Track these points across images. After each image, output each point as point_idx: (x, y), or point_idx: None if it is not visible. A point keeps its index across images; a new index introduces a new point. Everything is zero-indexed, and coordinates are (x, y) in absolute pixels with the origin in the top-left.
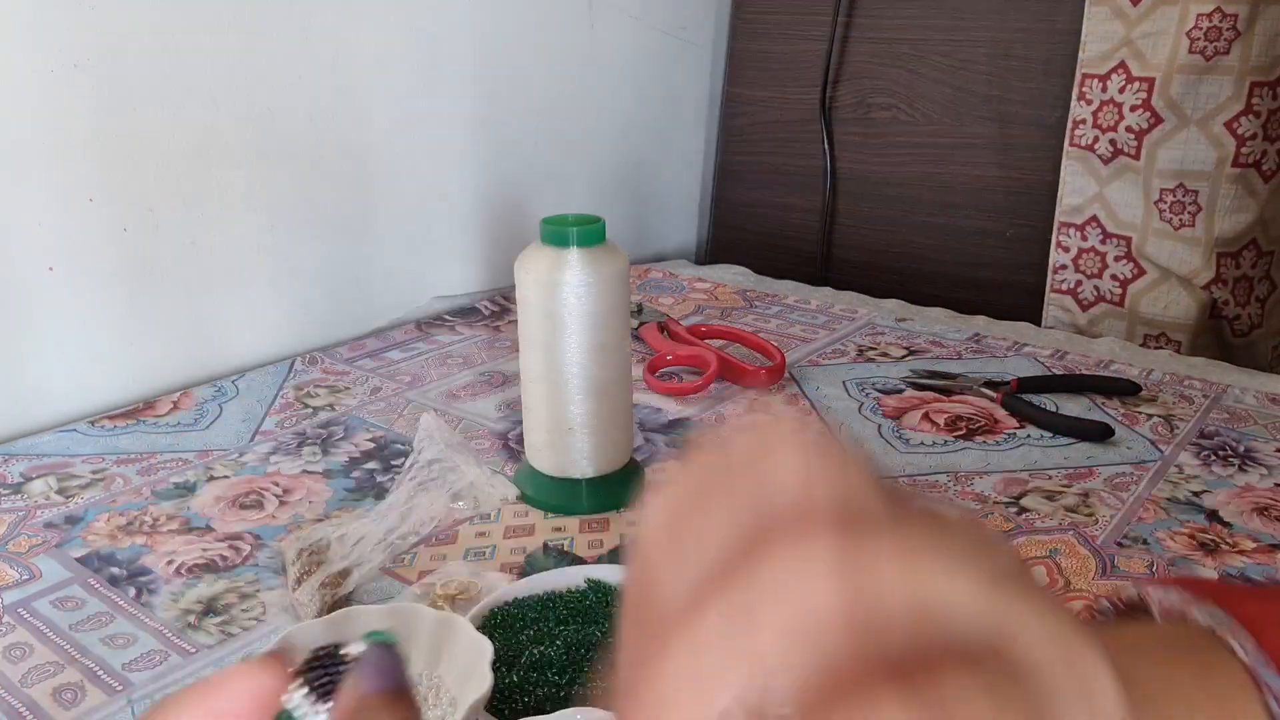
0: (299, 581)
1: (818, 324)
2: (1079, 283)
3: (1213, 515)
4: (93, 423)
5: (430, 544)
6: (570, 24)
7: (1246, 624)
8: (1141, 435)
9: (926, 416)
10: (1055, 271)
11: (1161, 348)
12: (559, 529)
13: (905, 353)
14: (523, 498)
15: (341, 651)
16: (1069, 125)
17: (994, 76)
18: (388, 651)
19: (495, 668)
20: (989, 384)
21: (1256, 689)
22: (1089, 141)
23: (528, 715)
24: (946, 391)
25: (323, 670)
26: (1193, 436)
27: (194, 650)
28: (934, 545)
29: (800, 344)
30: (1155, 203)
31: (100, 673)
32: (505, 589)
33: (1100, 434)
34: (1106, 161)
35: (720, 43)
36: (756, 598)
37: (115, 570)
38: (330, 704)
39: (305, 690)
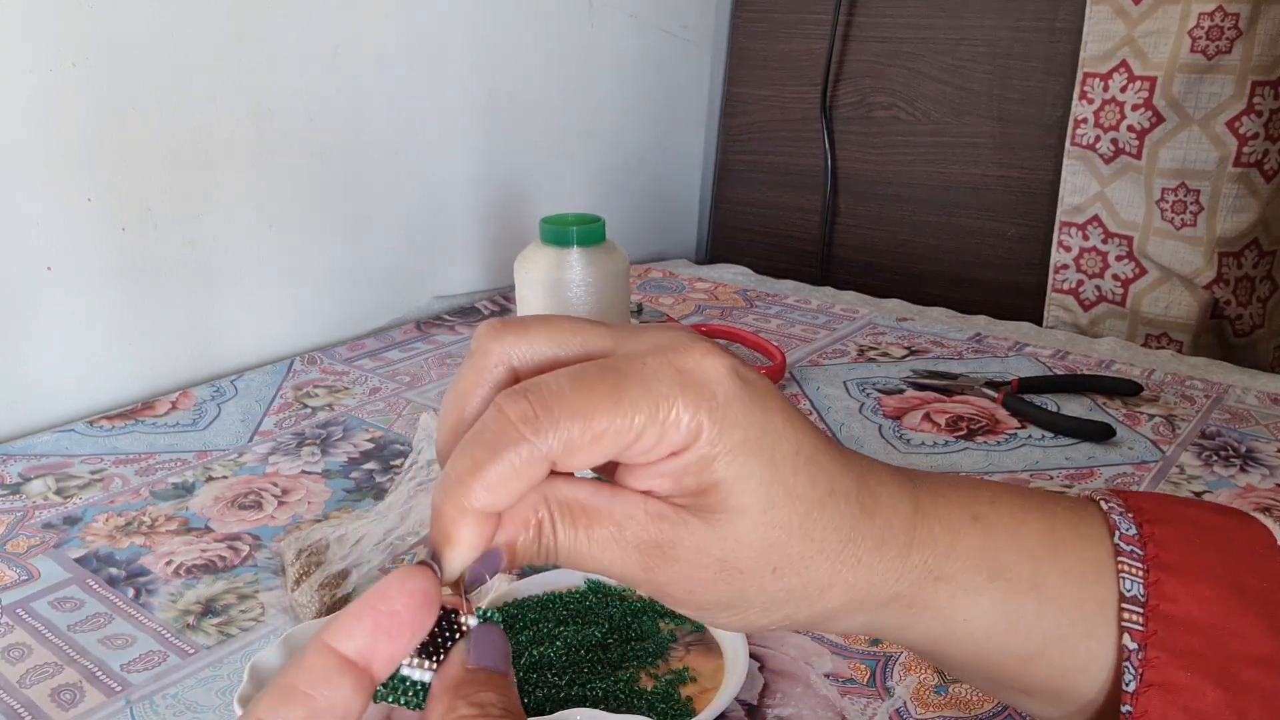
0: (298, 582)
1: (818, 324)
2: (1080, 282)
3: None
4: (91, 423)
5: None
6: (570, 23)
7: (1140, 514)
8: (1143, 435)
9: (927, 417)
10: (1056, 271)
11: (1163, 348)
12: None
13: (906, 353)
14: None
15: (457, 619)
16: (1070, 124)
17: (995, 75)
18: (499, 634)
19: None
20: (990, 384)
21: (1111, 537)
22: (1090, 141)
23: (527, 716)
24: (947, 391)
25: (435, 631)
26: (1194, 437)
27: (193, 651)
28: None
29: (801, 344)
30: (1157, 202)
31: (99, 673)
32: (504, 590)
33: (1101, 434)
34: (1108, 161)
35: (720, 41)
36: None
37: (114, 571)
38: (435, 663)
39: (419, 655)
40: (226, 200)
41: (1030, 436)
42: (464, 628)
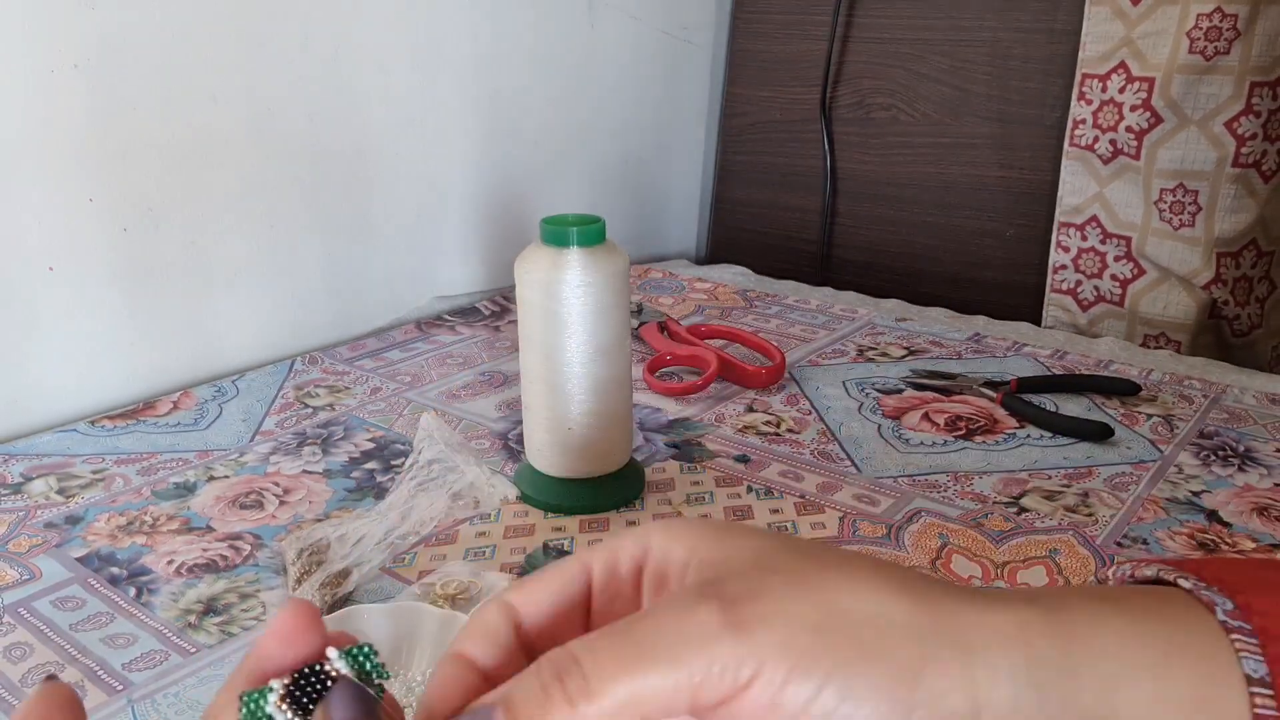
0: (299, 581)
1: (818, 324)
2: (1079, 283)
3: (1212, 515)
4: (93, 423)
5: (430, 544)
6: (570, 24)
7: (1225, 586)
8: (1141, 435)
9: (926, 416)
10: (1055, 271)
11: (1161, 348)
12: (559, 529)
13: (905, 353)
14: (523, 498)
15: (326, 669)
16: (1069, 125)
17: (994, 76)
18: (359, 690)
19: None
20: (989, 384)
21: (1231, 646)
22: (1089, 141)
23: None
24: (946, 391)
25: (308, 685)
26: (1192, 436)
27: (194, 650)
28: None
29: (800, 344)
30: (1155, 203)
31: (100, 672)
32: (503, 588)
33: (1100, 434)
34: (1106, 161)
35: (720, 42)
36: None
37: (115, 570)
38: (301, 714)
39: (287, 703)
40: (228, 200)
41: (1029, 436)
42: (331, 676)
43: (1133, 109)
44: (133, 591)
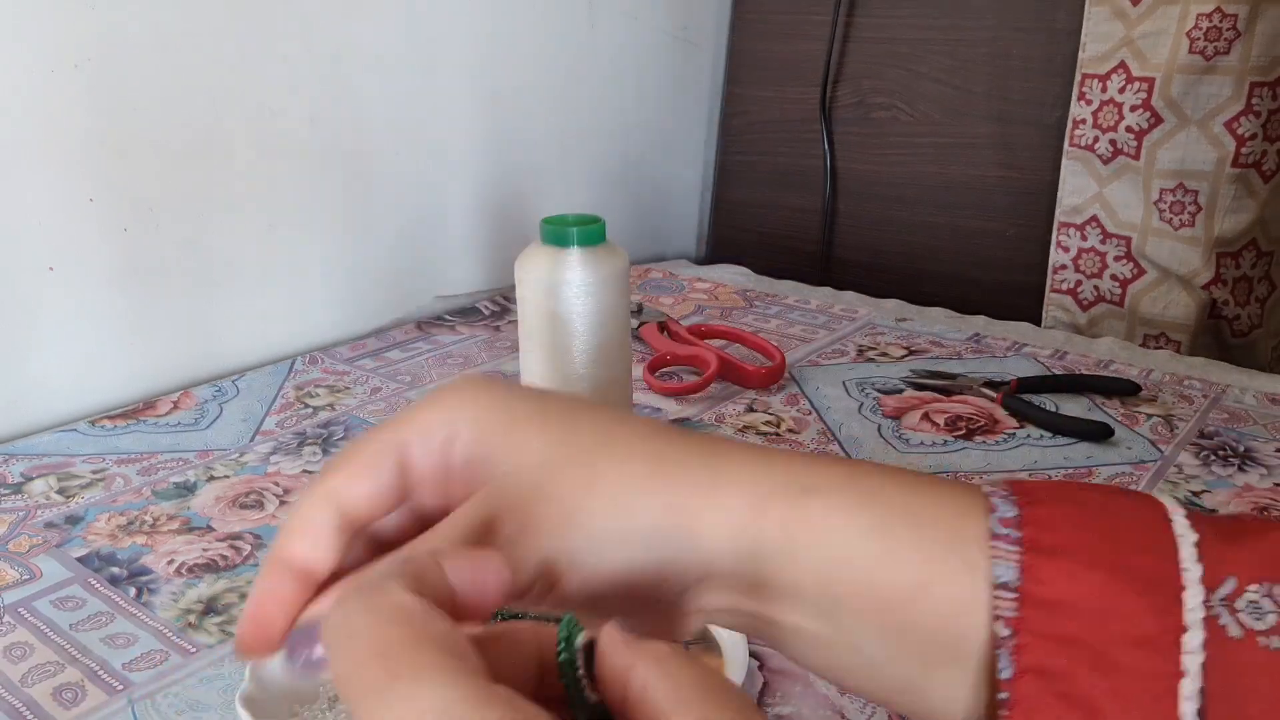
0: None
1: (818, 324)
2: (1079, 283)
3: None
4: (93, 422)
5: None
6: (570, 24)
7: (1024, 496)
8: (1141, 435)
9: (926, 416)
10: (1055, 271)
11: (1161, 348)
12: None
13: (905, 353)
14: None
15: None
16: (1069, 125)
17: (994, 76)
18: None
19: None
20: (989, 384)
21: (988, 519)
22: (1089, 141)
23: None
24: (946, 391)
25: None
26: (1192, 436)
27: (194, 650)
28: None
29: (800, 344)
30: (1155, 203)
31: (100, 672)
32: None
33: (1100, 434)
34: (1106, 161)
35: (720, 42)
36: None
37: (115, 570)
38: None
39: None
40: (228, 200)
41: (1029, 436)
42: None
43: (1133, 109)
44: (133, 591)
